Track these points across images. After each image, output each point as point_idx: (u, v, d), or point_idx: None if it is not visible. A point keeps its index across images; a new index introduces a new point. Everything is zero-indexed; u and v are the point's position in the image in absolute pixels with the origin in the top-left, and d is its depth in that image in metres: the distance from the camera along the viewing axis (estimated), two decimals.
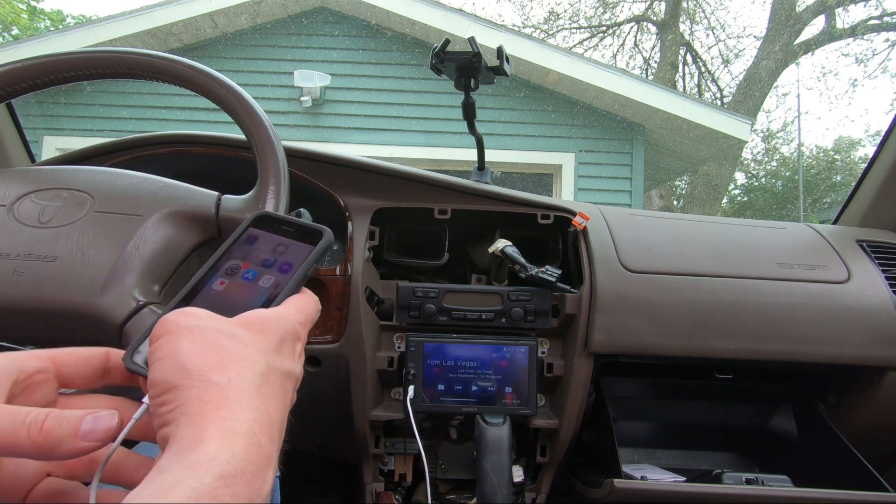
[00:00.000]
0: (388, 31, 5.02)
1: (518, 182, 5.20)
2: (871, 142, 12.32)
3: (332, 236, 0.43)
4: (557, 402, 0.96)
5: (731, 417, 1.08)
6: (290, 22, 5.05)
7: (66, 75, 0.62)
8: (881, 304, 0.93)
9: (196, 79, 0.63)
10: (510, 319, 0.93)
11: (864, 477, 0.84)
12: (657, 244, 0.97)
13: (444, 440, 1.04)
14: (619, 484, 0.81)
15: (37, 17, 10.98)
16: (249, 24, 4.99)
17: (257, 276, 0.41)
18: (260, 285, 0.40)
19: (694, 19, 10.76)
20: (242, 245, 0.43)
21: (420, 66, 4.92)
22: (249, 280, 0.41)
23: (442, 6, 4.87)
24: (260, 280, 0.41)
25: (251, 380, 0.30)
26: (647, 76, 10.00)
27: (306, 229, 0.43)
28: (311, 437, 1.10)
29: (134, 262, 0.57)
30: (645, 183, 5.27)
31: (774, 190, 11.95)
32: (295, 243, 0.42)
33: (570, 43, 10.88)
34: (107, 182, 0.62)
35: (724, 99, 10.75)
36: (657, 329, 0.90)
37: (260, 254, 0.42)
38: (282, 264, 0.41)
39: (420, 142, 4.91)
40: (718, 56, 11.83)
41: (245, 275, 0.41)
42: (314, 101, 4.83)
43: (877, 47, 14.12)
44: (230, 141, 0.93)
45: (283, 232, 0.43)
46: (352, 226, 0.94)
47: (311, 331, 0.91)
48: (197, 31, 4.90)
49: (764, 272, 0.95)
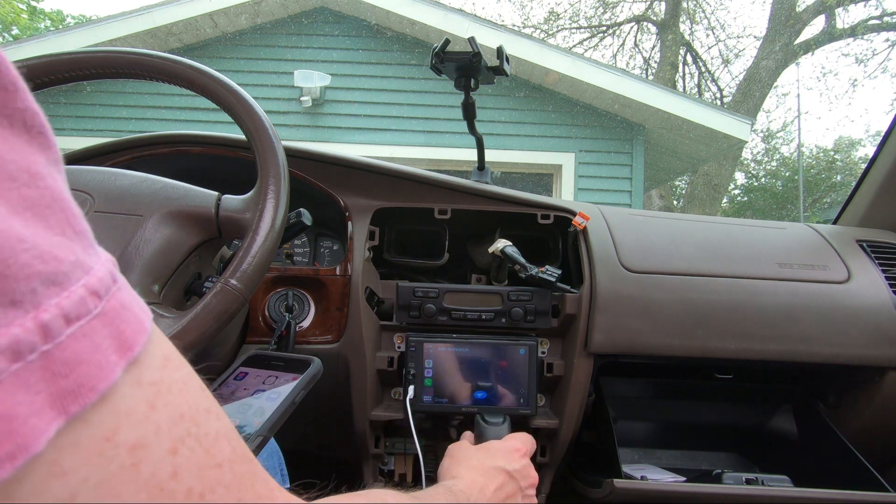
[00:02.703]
0: (388, 31, 5.02)
1: (518, 182, 5.20)
2: (871, 142, 12.33)
3: (320, 367, 0.44)
4: (557, 402, 0.96)
5: (731, 417, 1.08)
6: (290, 22, 5.05)
7: (66, 75, 0.62)
8: (881, 304, 0.93)
9: (196, 79, 0.63)
10: (510, 319, 0.93)
11: (864, 477, 0.84)
12: (657, 244, 0.97)
13: (444, 440, 1.04)
14: (619, 484, 0.81)
15: (37, 17, 10.98)
16: (249, 24, 4.99)
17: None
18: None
19: (694, 19, 10.76)
20: (231, 383, 0.44)
21: (420, 66, 4.92)
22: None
23: (442, 6, 4.87)
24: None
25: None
26: (647, 76, 10.00)
27: (295, 361, 0.44)
28: (311, 437, 1.10)
29: (134, 262, 0.57)
30: (645, 183, 5.27)
31: (774, 190, 11.94)
32: (284, 374, 0.43)
33: (570, 43, 10.89)
34: (107, 182, 0.62)
35: (724, 99, 10.76)
36: (657, 329, 0.90)
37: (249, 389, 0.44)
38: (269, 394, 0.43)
39: (420, 142, 4.91)
40: (718, 56, 11.84)
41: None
42: (314, 101, 4.83)
43: (877, 47, 14.16)
44: (230, 141, 0.93)
45: (273, 366, 0.44)
46: (352, 226, 0.94)
47: (311, 331, 0.92)
48: (197, 31, 4.90)
49: (764, 272, 0.95)
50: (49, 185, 0.17)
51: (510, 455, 0.65)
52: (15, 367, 0.15)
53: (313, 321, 0.92)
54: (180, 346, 0.50)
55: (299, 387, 0.44)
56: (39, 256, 0.16)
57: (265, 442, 0.47)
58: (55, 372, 0.16)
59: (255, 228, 0.58)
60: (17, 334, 0.15)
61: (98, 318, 0.18)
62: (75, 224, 0.18)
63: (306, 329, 0.92)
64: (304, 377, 0.45)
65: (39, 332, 0.16)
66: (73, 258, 0.17)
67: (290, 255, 1.09)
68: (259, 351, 0.51)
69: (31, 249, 0.16)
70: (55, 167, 0.18)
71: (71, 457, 0.16)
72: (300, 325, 0.91)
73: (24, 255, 0.16)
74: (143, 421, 0.18)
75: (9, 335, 0.15)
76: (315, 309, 0.93)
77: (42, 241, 0.16)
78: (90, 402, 0.17)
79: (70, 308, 0.17)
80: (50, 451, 0.16)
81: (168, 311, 0.56)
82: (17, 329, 0.15)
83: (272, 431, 0.47)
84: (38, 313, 0.16)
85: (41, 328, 0.16)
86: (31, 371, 0.15)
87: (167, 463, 0.19)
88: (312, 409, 1.00)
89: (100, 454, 0.17)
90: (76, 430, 0.16)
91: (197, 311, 0.53)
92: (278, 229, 0.59)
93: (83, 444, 0.17)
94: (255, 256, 0.56)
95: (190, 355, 0.49)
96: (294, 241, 1.09)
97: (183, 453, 0.19)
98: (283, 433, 0.81)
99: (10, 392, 0.15)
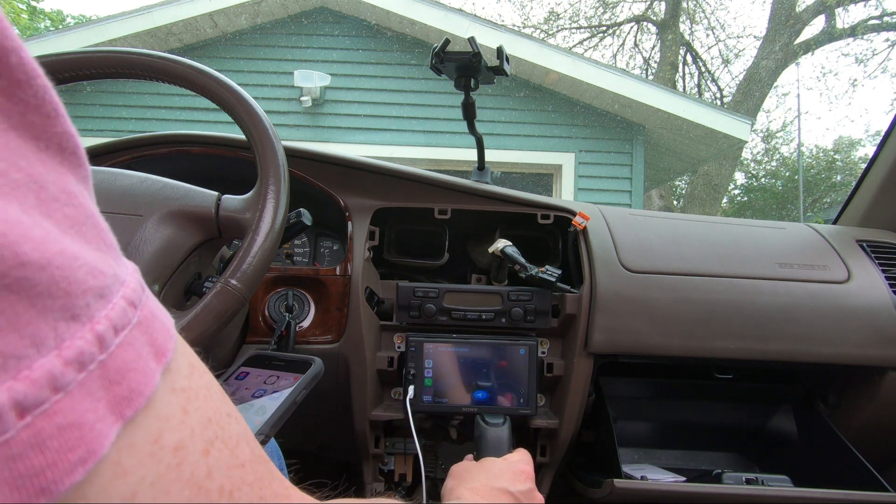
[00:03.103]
0: (388, 31, 5.02)
1: (518, 182, 5.20)
2: (871, 142, 12.33)
3: (321, 367, 0.44)
4: (557, 402, 0.96)
5: (731, 417, 1.08)
6: (290, 22, 5.05)
7: (66, 75, 0.62)
8: (881, 304, 0.93)
9: (196, 79, 0.63)
10: (510, 319, 0.93)
11: (864, 477, 0.84)
12: (657, 244, 0.97)
13: (444, 440, 1.04)
14: (619, 484, 0.81)
15: (37, 17, 10.99)
16: (249, 24, 4.99)
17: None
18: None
19: (694, 19, 10.76)
20: (232, 382, 0.44)
21: (420, 66, 4.92)
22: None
23: (442, 6, 4.87)
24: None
25: None
26: (647, 76, 10.00)
27: (296, 361, 0.44)
28: (311, 437, 1.10)
29: (134, 262, 0.57)
30: (645, 183, 5.27)
31: (774, 190, 11.94)
32: (285, 374, 0.44)
33: (570, 43, 10.89)
34: (107, 182, 0.62)
35: (724, 99, 10.75)
36: (657, 329, 0.90)
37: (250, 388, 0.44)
38: (272, 393, 0.43)
39: (420, 142, 4.91)
40: (718, 56, 11.84)
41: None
42: (314, 101, 4.83)
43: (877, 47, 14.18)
44: (230, 141, 0.93)
45: (274, 366, 0.44)
46: (352, 226, 0.94)
47: (311, 331, 0.92)
48: (197, 31, 4.90)
49: (764, 272, 0.95)
50: (82, 203, 0.19)
51: (516, 477, 0.64)
52: (81, 376, 0.16)
53: (313, 321, 0.92)
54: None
55: (300, 387, 0.44)
56: (91, 272, 0.17)
57: (266, 441, 0.47)
58: (111, 380, 0.17)
59: (255, 228, 0.58)
60: (80, 346, 0.17)
61: (136, 327, 0.19)
62: (106, 238, 0.20)
63: (306, 329, 0.92)
64: (305, 377, 0.45)
65: (97, 343, 0.17)
66: (112, 271, 0.19)
67: (290, 255, 1.09)
68: (260, 351, 0.52)
69: (84, 266, 0.17)
70: (84, 184, 0.20)
71: (129, 458, 0.18)
72: (300, 325, 0.91)
73: (80, 272, 0.17)
74: (180, 425, 0.20)
75: (75, 347, 0.16)
76: (315, 309, 0.93)
77: (89, 257, 0.18)
78: (140, 406, 0.18)
79: (117, 319, 0.18)
80: (113, 453, 0.17)
81: (168, 311, 0.56)
82: (80, 341, 0.17)
83: (273, 431, 0.48)
84: (93, 325, 0.17)
85: (98, 339, 0.17)
86: (93, 380, 0.17)
87: (202, 463, 0.20)
88: (313, 409, 1.00)
89: (151, 455, 0.18)
90: (131, 434, 0.18)
91: (197, 311, 0.54)
92: (278, 229, 0.59)
93: (137, 446, 0.18)
94: (256, 256, 0.56)
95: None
96: (294, 241, 1.09)
97: (213, 454, 0.21)
98: (284, 433, 0.81)
99: (78, 400, 0.16)
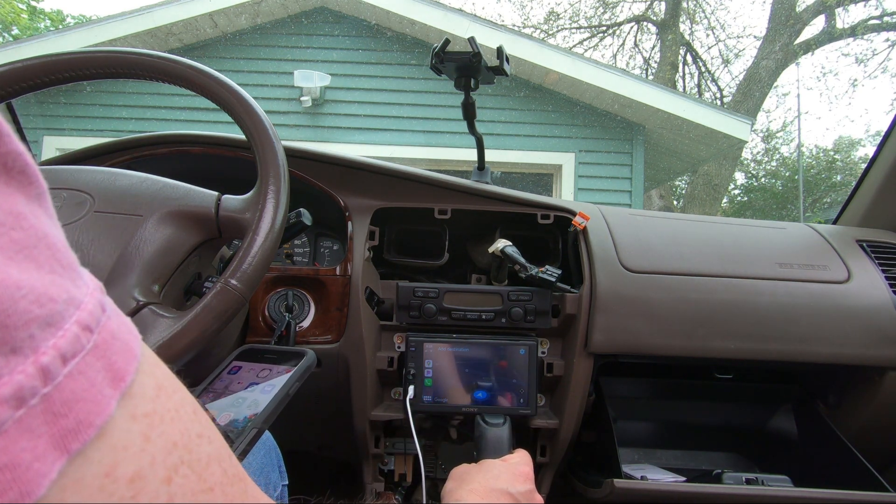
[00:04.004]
0: (388, 31, 5.02)
1: (518, 182, 5.20)
2: (871, 142, 12.32)
3: (313, 358, 0.44)
4: (557, 402, 0.96)
5: (731, 417, 1.08)
6: (290, 22, 5.05)
7: (66, 75, 0.62)
8: (881, 304, 0.93)
9: (196, 79, 0.63)
10: (510, 319, 0.93)
11: (864, 477, 0.84)
12: (657, 244, 0.97)
13: (444, 440, 1.04)
14: (619, 484, 0.81)
15: (37, 17, 10.98)
16: (249, 24, 4.99)
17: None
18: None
19: (694, 19, 10.76)
20: (224, 377, 0.44)
21: (420, 66, 4.92)
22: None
23: (442, 6, 4.87)
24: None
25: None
26: (647, 76, 10.00)
27: (288, 353, 0.44)
28: (311, 437, 1.10)
29: (134, 262, 0.57)
30: (645, 183, 5.27)
31: (774, 190, 11.94)
32: (277, 367, 0.44)
33: (570, 43, 10.89)
34: (107, 182, 0.62)
35: (724, 99, 10.75)
36: (657, 329, 0.90)
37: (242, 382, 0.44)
38: (264, 387, 0.43)
39: (420, 142, 4.91)
40: (718, 56, 11.83)
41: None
42: (314, 101, 4.83)
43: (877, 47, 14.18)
44: (230, 141, 0.93)
45: (266, 360, 0.44)
46: (352, 226, 0.94)
47: (311, 331, 0.92)
48: (197, 31, 4.90)
49: (764, 272, 0.95)
50: (32, 224, 0.17)
51: (516, 478, 0.63)
52: (18, 413, 0.15)
53: (313, 321, 0.92)
54: (180, 346, 0.51)
55: (293, 379, 0.44)
56: (36, 301, 0.16)
57: (260, 434, 0.47)
58: (56, 413, 0.16)
59: (255, 228, 0.58)
60: (20, 381, 0.15)
61: (91, 352, 0.18)
62: (61, 258, 0.18)
63: (306, 329, 0.92)
64: (297, 369, 0.45)
65: (40, 376, 0.16)
66: (65, 296, 0.17)
67: (290, 255, 1.09)
68: (252, 345, 0.51)
69: (28, 295, 0.16)
70: (36, 202, 0.18)
71: (74, 495, 0.16)
72: (300, 325, 0.91)
73: (22, 302, 0.16)
74: (140, 453, 0.18)
75: (12, 383, 0.15)
76: (315, 309, 0.93)
77: (37, 284, 0.16)
78: (89, 438, 0.17)
79: (66, 347, 0.17)
80: (54, 491, 0.16)
81: (168, 311, 0.56)
82: (20, 376, 0.15)
83: (267, 424, 0.48)
84: (37, 357, 0.16)
85: (41, 372, 0.16)
86: (34, 416, 0.15)
87: (163, 492, 0.19)
88: (312, 409, 1.00)
89: (101, 489, 0.17)
90: (78, 468, 0.17)
91: (197, 311, 0.54)
92: (278, 229, 0.59)
93: (86, 480, 0.17)
94: (256, 256, 0.56)
95: (189, 357, 0.50)
96: (294, 241, 1.09)
97: (177, 481, 0.20)
98: (284, 433, 0.81)
99: (13, 440, 0.15)
